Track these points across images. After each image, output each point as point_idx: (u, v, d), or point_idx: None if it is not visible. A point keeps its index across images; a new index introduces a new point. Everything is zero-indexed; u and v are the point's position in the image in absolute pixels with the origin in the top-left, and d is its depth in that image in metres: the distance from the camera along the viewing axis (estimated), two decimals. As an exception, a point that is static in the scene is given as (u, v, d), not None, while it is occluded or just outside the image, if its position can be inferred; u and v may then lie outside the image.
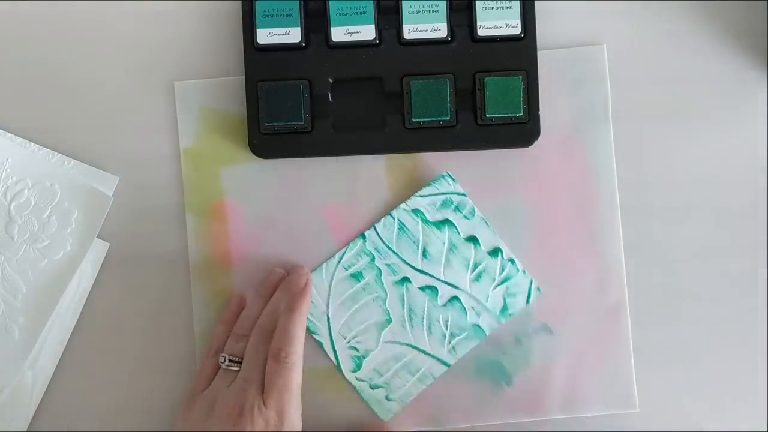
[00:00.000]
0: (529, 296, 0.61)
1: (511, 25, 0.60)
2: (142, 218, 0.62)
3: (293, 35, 0.60)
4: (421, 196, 0.61)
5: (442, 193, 0.61)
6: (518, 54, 0.60)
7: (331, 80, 0.60)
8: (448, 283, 0.61)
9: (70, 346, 0.61)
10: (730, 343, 0.61)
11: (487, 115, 0.60)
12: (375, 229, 0.61)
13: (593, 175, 0.62)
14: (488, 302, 0.61)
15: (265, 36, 0.60)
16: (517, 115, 0.60)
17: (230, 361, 0.57)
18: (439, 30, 0.60)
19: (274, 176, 0.62)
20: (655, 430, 0.61)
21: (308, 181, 0.62)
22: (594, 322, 0.61)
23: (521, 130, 0.60)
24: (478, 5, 0.60)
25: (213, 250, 0.62)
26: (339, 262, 0.61)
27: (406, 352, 0.61)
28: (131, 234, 0.62)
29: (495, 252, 0.61)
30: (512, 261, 0.61)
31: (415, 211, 0.61)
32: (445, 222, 0.61)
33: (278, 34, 0.60)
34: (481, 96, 0.60)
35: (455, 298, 0.61)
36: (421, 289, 0.61)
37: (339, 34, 0.60)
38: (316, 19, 0.60)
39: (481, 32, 0.60)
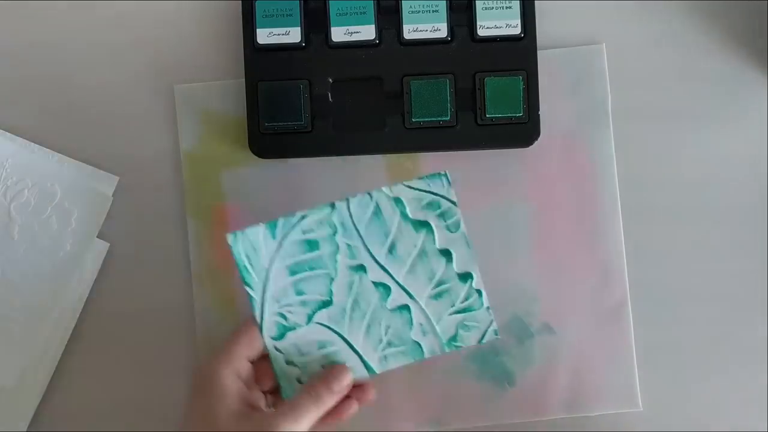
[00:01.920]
0: (484, 336, 0.55)
1: (511, 25, 0.60)
2: (142, 218, 0.62)
3: (293, 35, 0.60)
4: (409, 186, 0.55)
5: (432, 193, 0.55)
6: (518, 54, 0.60)
7: (331, 80, 0.60)
8: (405, 289, 0.55)
9: (70, 346, 0.61)
10: (730, 343, 0.61)
11: (487, 115, 0.60)
12: (347, 202, 0.55)
13: (593, 175, 0.61)
14: (439, 325, 0.55)
15: (265, 36, 0.60)
16: (517, 115, 0.60)
17: None
18: (439, 30, 0.60)
19: (274, 178, 0.62)
20: (658, 430, 0.61)
21: (308, 182, 0.62)
22: (596, 322, 0.61)
23: (521, 130, 0.60)
24: (478, 5, 0.60)
25: (214, 253, 0.62)
26: (298, 221, 0.55)
27: (335, 342, 0.55)
28: (131, 234, 0.62)
29: (465, 276, 0.55)
30: (479, 293, 0.55)
31: (397, 200, 0.55)
32: (425, 225, 0.55)
33: (278, 34, 0.60)
34: (481, 96, 0.60)
35: (406, 307, 0.55)
36: (375, 284, 0.55)
37: (339, 34, 0.60)
38: (316, 19, 0.60)
39: (481, 32, 0.60)
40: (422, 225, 0.55)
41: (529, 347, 0.61)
